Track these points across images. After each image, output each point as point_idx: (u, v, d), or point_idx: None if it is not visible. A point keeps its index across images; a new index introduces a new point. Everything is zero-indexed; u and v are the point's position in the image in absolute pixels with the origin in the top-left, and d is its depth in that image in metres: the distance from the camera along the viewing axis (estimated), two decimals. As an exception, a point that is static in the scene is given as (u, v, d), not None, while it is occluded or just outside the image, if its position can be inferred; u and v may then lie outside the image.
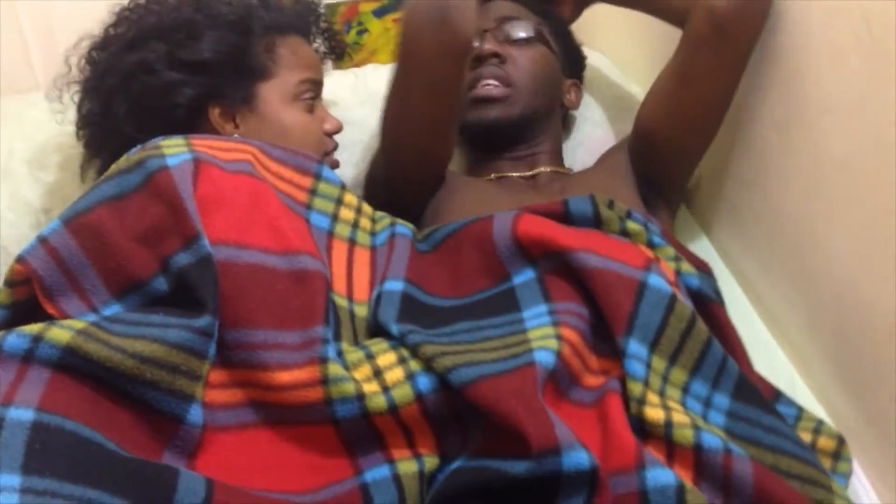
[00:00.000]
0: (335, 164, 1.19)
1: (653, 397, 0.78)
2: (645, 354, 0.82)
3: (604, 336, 0.86)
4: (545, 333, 0.82)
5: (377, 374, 0.79)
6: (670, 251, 1.00)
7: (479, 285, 0.94)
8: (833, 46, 0.96)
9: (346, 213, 0.98)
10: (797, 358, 1.12)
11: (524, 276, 0.91)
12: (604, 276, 0.85)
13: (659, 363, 0.82)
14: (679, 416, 0.76)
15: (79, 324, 0.71)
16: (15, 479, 0.58)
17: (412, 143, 1.12)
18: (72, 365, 0.68)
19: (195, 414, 0.73)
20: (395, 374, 0.78)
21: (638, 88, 1.50)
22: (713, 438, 0.74)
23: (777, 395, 1.01)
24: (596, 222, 0.99)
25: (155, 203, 0.81)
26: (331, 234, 0.95)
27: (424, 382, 0.78)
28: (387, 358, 0.80)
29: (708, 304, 0.97)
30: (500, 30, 1.24)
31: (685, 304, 0.87)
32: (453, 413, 0.79)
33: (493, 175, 1.23)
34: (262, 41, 1.11)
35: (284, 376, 0.75)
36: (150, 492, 0.65)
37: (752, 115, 1.14)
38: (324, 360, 0.76)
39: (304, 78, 1.13)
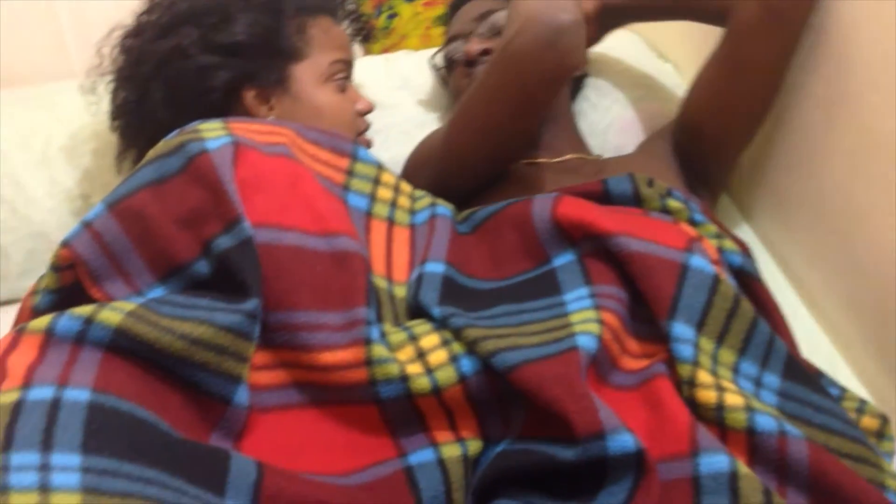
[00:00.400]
0: (368, 145, 1.19)
1: (704, 377, 0.77)
2: (692, 336, 0.81)
3: (644, 319, 0.85)
4: (587, 317, 0.81)
5: (420, 355, 0.79)
6: (712, 228, 0.99)
7: (520, 267, 0.93)
8: (881, 23, 0.94)
9: (384, 193, 0.98)
10: (839, 340, 1.11)
11: (564, 259, 0.91)
12: (645, 260, 0.84)
13: (707, 344, 0.81)
14: (732, 398, 0.75)
15: (128, 305, 0.71)
16: (75, 459, 0.59)
17: (486, 153, 1.11)
18: (122, 346, 0.68)
19: (241, 395, 0.73)
20: (438, 356, 0.78)
21: (669, 66, 1.48)
22: (767, 420, 0.73)
23: (819, 375, 1.00)
24: (636, 201, 0.99)
25: (196, 187, 0.81)
26: (369, 215, 0.95)
27: (467, 365, 0.78)
28: (430, 340, 0.80)
29: (751, 282, 0.95)
30: (482, 26, 1.23)
31: (729, 284, 0.85)
32: (495, 396, 0.79)
33: (520, 162, 1.21)
34: (294, 22, 1.11)
35: (328, 357, 0.75)
36: (204, 473, 0.65)
37: (795, 94, 1.12)
38: (368, 342, 0.76)
39: (336, 58, 1.13)
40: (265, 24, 1.08)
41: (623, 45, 1.47)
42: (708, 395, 0.75)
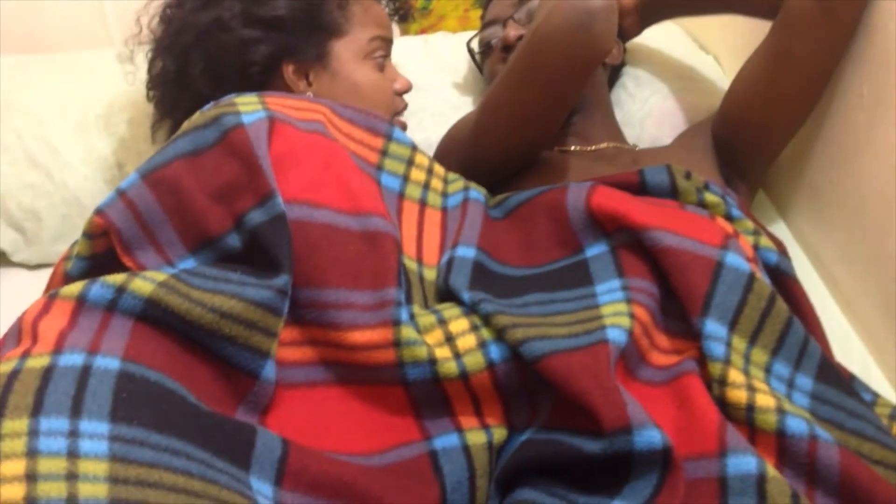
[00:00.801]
0: (403, 127, 1.18)
1: (736, 376, 0.76)
2: (724, 334, 0.80)
3: (675, 315, 0.84)
4: (618, 310, 0.81)
5: (449, 339, 0.78)
6: (749, 224, 0.97)
7: (552, 255, 0.93)
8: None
9: (418, 174, 0.97)
10: (873, 344, 1.09)
11: (597, 249, 0.90)
12: (679, 256, 0.83)
13: (739, 343, 0.80)
14: (763, 399, 0.74)
15: (160, 276, 0.71)
16: (104, 427, 0.59)
17: (516, 139, 1.09)
18: (153, 316, 0.69)
19: (269, 370, 0.73)
20: (467, 342, 0.78)
21: (710, 57, 1.46)
22: (798, 423, 0.72)
23: (851, 379, 0.99)
24: (673, 193, 0.97)
25: (230, 160, 0.81)
26: (401, 196, 0.94)
27: (496, 351, 0.77)
28: (459, 324, 0.80)
29: (787, 281, 0.94)
30: (520, 12, 1.22)
31: (764, 283, 0.84)
32: (522, 384, 0.78)
33: (556, 149, 1.21)
34: (340, 1, 1.10)
35: (356, 336, 0.75)
36: (230, 446, 0.65)
37: (839, 92, 1.10)
38: (397, 323, 0.76)
39: (376, 35, 1.12)
40: (306, 0, 1.08)
41: (663, 35, 1.45)
42: (738, 395, 0.75)
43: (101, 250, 0.81)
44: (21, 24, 1.54)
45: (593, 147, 1.19)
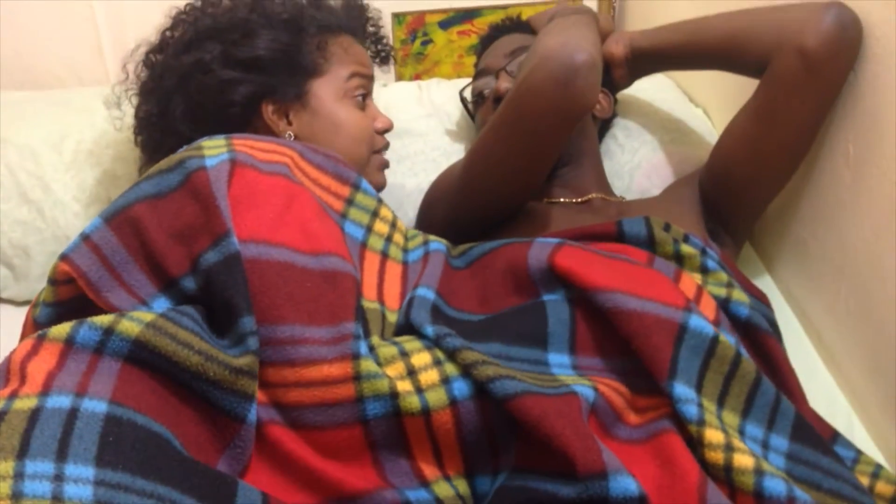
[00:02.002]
0: (385, 164, 1.19)
1: (712, 436, 0.76)
2: (694, 396, 0.79)
3: (646, 374, 0.83)
4: (576, 380, 0.80)
5: (411, 373, 0.77)
6: (723, 277, 0.98)
7: (508, 303, 0.92)
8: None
9: (381, 227, 0.98)
10: (856, 399, 1.09)
11: (555, 296, 0.89)
12: (642, 319, 0.82)
13: (710, 405, 0.80)
14: (740, 459, 0.74)
15: (148, 316, 0.71)
16: (89, 471, 0.59)
17: (501, 189, 1.10)
18: (141, 358, 0.68)
19: (253, 415, 0.72)
20: (430, 377, 0.77)
21: (699, 110, 1.48)
22: (777, 484, 0.72)
23: (835, 436, 0.99)
24: (650, 244, 0.98)
25: (191, 202, 0.81)
26: (364, 246, 0.94)
27: (461, 388, 0.76)
28: (422, 358, 0.79)
29: (759, 335, 0.94)
30: (513, 64, 1.23)
31: (728, 345, 0.83)
32: (484, 426, 0.77)
33: (544, 200, 1.22)
34: (315, 39, 1.12)
35: (313, 372, 0.74)
36: (213, 494, 0.65)
37: (824, 150, 1.12)
38: (356, 356, 0.75)
39: (355, 71, 1.14)
40: (286, 41, 1.09)
41: (654, 87, 1.47)
42: (716, 457, 0.74)
43: (66, 297, 0.80)
44: (19, 60, 1.56)
45: (580, 199, 1.21)
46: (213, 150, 0.87)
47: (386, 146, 1.19)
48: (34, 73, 1.57)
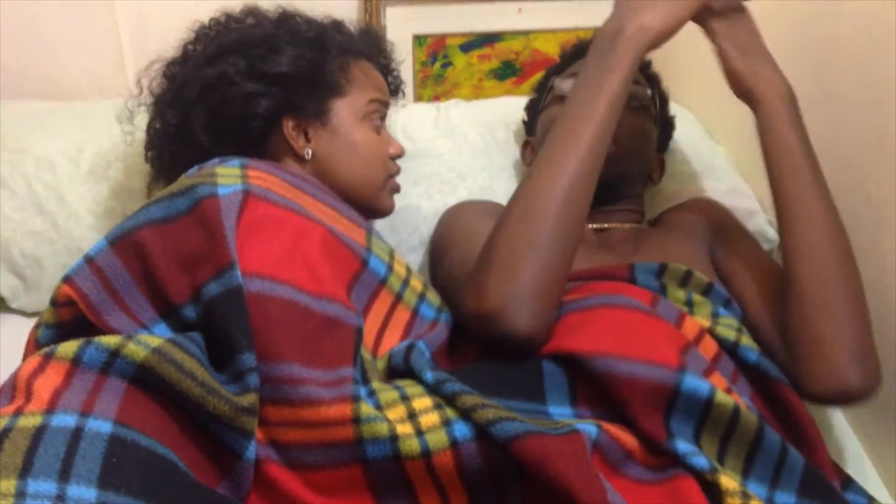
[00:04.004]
0: (397, 188, 1.19)
1: (728, 483, 0.74)
2: (698, 450, 0.78)
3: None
4: (577, 421, 0.79)
5: (412, 416, 0.76)
6: (733, 321, 0.96)
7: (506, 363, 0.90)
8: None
9: (399, 268, 0.97)
10: (869, 444, 1.08)
11: (551, 364, 0.86)
12: (633, 385, 0.80)
13: (713, 460, 0.79)
14: None
15: (155, 341, 0.71)
16: (91, 492, 0.58)
17: None
18: (146, 381, 0.68)
19: (251, 451, 0.72)
20: (430, 419, 0.75)
21: (720, 148, 1.47)
22: None
23: (847, 481, 0.97)
24: (662, 290, 0.98)
25: (197, 229, 0.81)
26: (382, 283, 0.93)
27: (462, 430, 0.74)
28: (422, 402, 0.78)
29: (770, 382, 0.92)
30: None
31: (725, 404, 0.80)
32: (487, 469, 0.74)
33: None
34: (337, 60, 1.12)
35: (311, 413, 0.73)
36: None
37: (843, 191, 1.10)
38: (356, 399, 0.74)
39: (374, 97, 1.14)
40: (310, 58, 1.10)
41: (678, 123, 1.47)
42: (734, 503, 0.73)
43: (67, 318, 0.80)
44: (40, 70, 1.57)
45: (596, 225, 1.20)
46: (227, 178, 0.86)
47: (398, 172, 1.19)
48: (57, 83, 1.57)
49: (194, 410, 0.69)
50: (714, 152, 1.45)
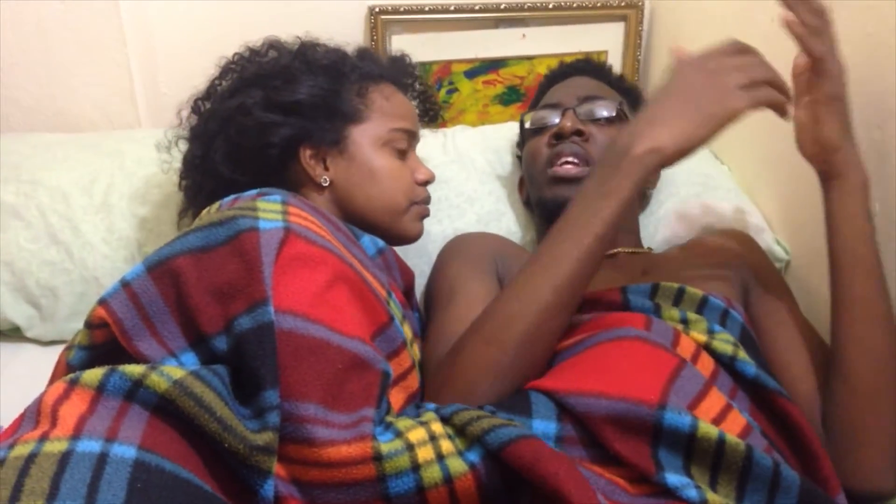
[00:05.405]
0: (425, 214, 1.18)
1: None
2: (689, 480, 0.78)
3: None
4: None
5: (433, 438, 0.76)
6: (729, 336, 0.96)
7: None
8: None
9: (408, 332, 0.98)
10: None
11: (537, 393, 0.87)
12: (614, 426, 0.80)
13: (706, 490, 0.78)
14: None
15: (178, 373, 0.71)
16: None
17: None
18: (167, 410, 0.69)
19: (269, 488, 0.71)
20: (447, 446, 0.76)
21: (724, 167, 1.49)
22: None
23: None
24: (656, 311, 0.98)
25: (235, 260, 0.81)
26: (405, 344, 0.94)
27: (474, 454, 0.75)
28: (438, 427, 0.78)
29: (769, 395, 0.91)
30: (582, 108, 1.22)
31: (709, 436, 0.79)
32: (505, 481, 0.75)
33: None
34: (355, 86, 1.14)
35: (332, 452, 0.73)
36: None
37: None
38: (375, 437, 0.74)
39: (398, 127, 1.14)
40: (326, 87, 1.11)
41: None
42: None
43: (101, 341, 0.81)
44: (52, 103, 1.59)
45: (610, 251, 1.20)
46: (269, 214, 0.87)
47: (427, 199, 1.19)
48: (68, 116, 1.60)
49: (212, 444, 0.70)
50: (719, 171, 1.46)
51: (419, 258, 1.34)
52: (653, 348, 0.88)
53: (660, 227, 1.37)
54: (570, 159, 1.17)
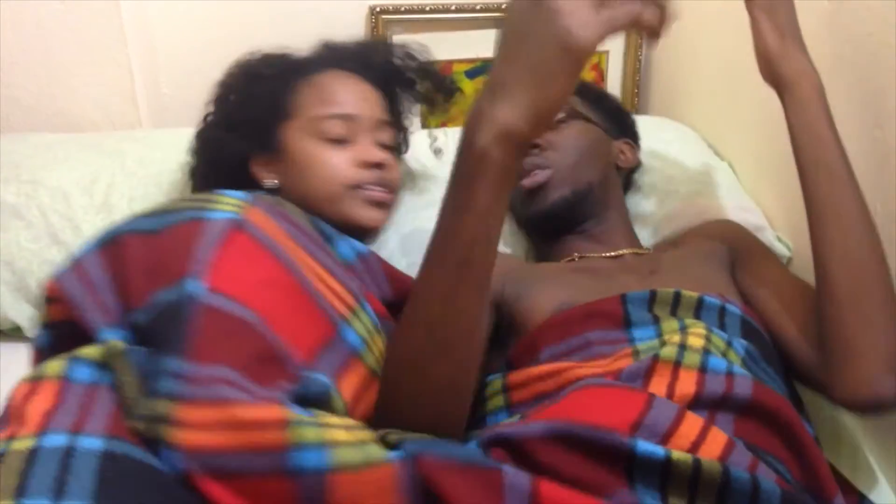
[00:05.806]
0: (373, 199, 1.11)
1: None
2: None
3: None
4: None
5: (351, 428, 0.73)
6: (721, 343, 0.93)
7: None
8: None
9: (378, 343, 0.93)
10: (884, 460, 1.08)
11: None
12: (589, 448, 0.75)
13: None
14: None
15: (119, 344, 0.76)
16: None
17: None
18: None
19: (164, 459, 0.67)
20: (368, 435, 0.73)
21: (724, 163, 1.49)
22: None
23: (862, 498, 0.97)
24: (655, 321, 0.97)
25: (172, 243, 0.84)
26: (355, 355, 0.89)
27: (394, 454, 0.71)
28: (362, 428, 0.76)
29: (760, 393, 0.87)
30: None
31: (683, 460, 0.74)
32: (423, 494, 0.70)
33: (574, 255, 1.19)
34: (290, 86, 1.15)
35: (240, 411, 0.69)
36: None
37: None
38: (288, 406, 0.71)
39: (325, 114, 1.11)
40: (259, 94, 1.15)
41: (680, 140, 1.48)
42: None
43: (58, 318, 0.82)
44: (53, 103, 1.59)
45: (612, 253, 1.19)
46: (225, 206, 0.90)
47: (377, 181, 1.12)
48: (69, 116, 1.60)
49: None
50: (719, 169, 1.45)
51: (421, 257, 1.34)
52: (622, 391, 0.85)
53: (661, 227, 1.37)
54: (534, 171, 1.18)
